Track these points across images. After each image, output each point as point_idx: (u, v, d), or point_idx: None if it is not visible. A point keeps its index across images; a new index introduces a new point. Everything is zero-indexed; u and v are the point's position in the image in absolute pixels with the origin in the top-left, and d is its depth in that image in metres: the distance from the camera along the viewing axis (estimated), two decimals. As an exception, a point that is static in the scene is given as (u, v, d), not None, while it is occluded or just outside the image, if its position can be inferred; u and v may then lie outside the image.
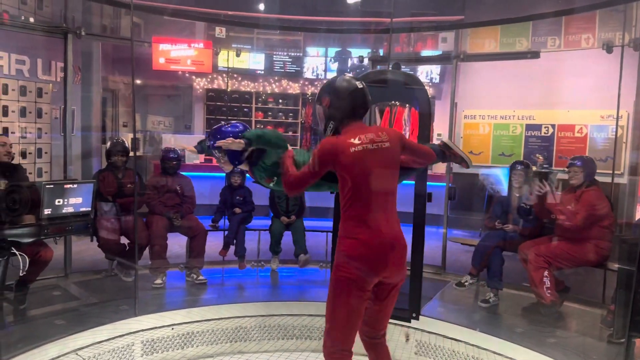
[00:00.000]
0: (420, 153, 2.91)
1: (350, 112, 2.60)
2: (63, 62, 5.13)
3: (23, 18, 5.98)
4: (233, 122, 3.04)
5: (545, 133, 7.66)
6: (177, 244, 5.44)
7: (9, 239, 3.48)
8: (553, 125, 7.59)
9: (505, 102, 7.87)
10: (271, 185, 2.93)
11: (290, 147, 2.85)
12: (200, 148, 3.46)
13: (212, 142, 2.91)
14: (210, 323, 4.24)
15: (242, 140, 2.74)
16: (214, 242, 5.45)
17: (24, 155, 6.57)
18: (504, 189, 5.10)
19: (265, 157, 2.80)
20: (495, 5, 7.76)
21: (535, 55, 5.79)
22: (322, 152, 2.53)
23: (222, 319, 4.28)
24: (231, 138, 2.75)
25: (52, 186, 3.71)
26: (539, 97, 7.48)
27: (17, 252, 3.52)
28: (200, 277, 4.99)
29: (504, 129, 7.93)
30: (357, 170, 2.50)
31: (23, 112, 6.60)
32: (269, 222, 5.61)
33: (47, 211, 3.61)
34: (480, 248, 4.88)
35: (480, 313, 4.49)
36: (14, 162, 4.34)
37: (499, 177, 5.31)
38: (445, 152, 3.05)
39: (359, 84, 2.62)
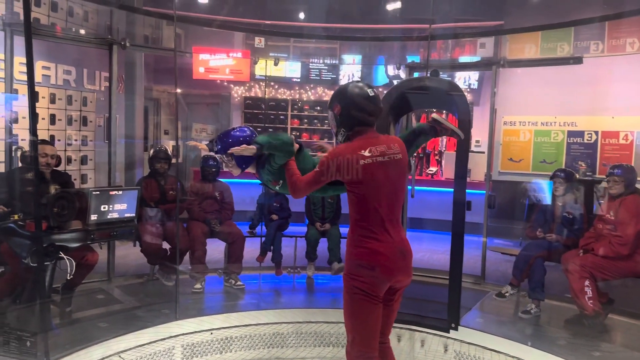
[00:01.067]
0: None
1: (362, 120, 2.58)
2: (108, 72, 5.31)
3: (74, 30, 6.21)
4: (240, 126, 3.06)
5: (588, 140, 7.46)
6: (215, 249, 5.53)
7: (57, 244, 3.62)
8: (596, 132, 7.39)
9: (546, 108, 7.71)
10: (277, 188, 2.93)
11: (296, 146, 2.80)
12: (212, 146, 3.47)
13: (219, 147, 2.91)
14: (248, 328, 4.29)
15: (254, 147, 2.73)
16: (251, 248, 5.51)
17: (69, 161, 6.80)
18: (546, 198, 4.98)
19: (272, 161, 2.78)
20: (536, 10, 7.63)
21: (577, 61, 5.63)
22: (331, 162, 2.52)
23: (259, 324, 4.32)
24: (244, 145, 2.75)
25: (98, 192, 3.83)
26: (581, 103, 7.31)
27: (64, 256, 3.65)
28: (239, 283, 5.06)
29: (545, 135, 7.76)
30: (366, 182, 2.50)
31: (70, 121, 6.84)
32: (305, 229, 5.64)
33: (93, 217, 3.74)
34: (521, 258, 4.78)
35: (521, 324, 4.38)
36: (59, 169, 4.49)
37: (541, 185, 5.19)
38: (437, 128, 2.99)
39: (371, 92, 2.59)
